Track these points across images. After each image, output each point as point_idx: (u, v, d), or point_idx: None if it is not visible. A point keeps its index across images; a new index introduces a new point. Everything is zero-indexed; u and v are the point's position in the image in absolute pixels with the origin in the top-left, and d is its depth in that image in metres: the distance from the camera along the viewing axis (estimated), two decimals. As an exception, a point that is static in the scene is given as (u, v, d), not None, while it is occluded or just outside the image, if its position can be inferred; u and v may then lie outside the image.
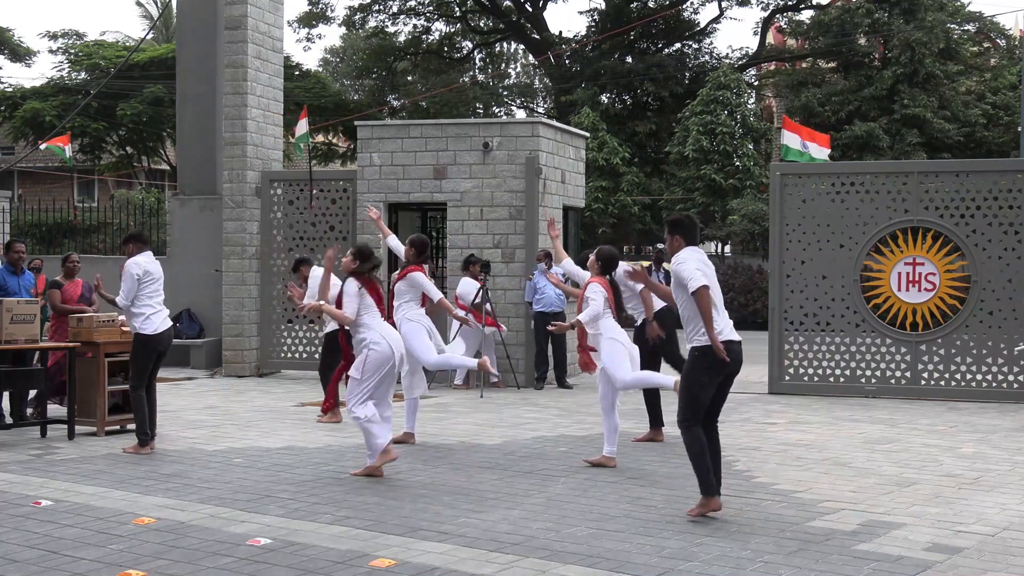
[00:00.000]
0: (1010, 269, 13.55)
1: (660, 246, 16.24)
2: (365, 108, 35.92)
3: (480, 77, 45.27)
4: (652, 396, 10.21)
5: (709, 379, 6.91)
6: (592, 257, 9.11)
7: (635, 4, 38.90)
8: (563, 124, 18.64)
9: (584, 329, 8.85)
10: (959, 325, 13.68)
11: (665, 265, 15.88)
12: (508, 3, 41.25)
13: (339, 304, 8.50)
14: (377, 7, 40.89)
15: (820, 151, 15.35)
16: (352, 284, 8.39)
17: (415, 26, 42.30)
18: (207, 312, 17.04)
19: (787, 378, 14.19)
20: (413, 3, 41.49)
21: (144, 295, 9.77)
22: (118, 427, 10.76)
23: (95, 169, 38.31)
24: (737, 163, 32.76)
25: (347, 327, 8.71)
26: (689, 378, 6.96)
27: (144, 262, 9.88)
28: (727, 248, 35.93)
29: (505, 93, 48.25)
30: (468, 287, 14.56)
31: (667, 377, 8.83)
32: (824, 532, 6.67)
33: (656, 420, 10.29)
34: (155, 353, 9.86)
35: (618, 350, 8.77)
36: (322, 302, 8.95)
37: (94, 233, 24.58)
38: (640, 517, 7.06)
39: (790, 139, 15.68)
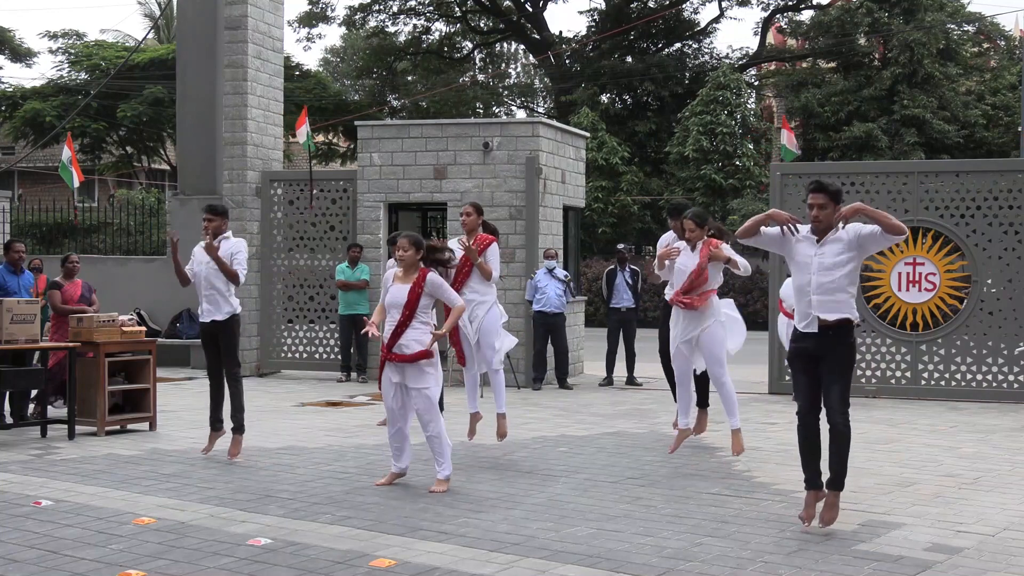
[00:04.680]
0: (1010, 269, 13.56)
1: (621, 246, 16.22)
2: (365, 108, 35.92)
3: (480, 77, 45.26)
4: (701, 378, 9.92)
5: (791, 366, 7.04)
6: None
7: (635, 4, 38.89)
8: (563, 124, 18.64)
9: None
10: (959, 325, 13.68)
11: (631, 266, 15.89)
12: (508, 3, 41.24)
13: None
14: (377, 7, 40.89)
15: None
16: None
17: (415, 26, 42.30)
18: (207, 312, 17.00)
19: (787, 378, 14.18)
20: (413, 3, 41.48)
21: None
22: (118, 427, 10.76)
23: (95, 169, 38.30)
24: (737, 163, 32.75)
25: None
26: None
27: None
28: (727, 248, 35.87)
29: (505, 93, 48.24)
30: (791, 290, 14.10)
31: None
32: (824, 532, 6.67)
33: (702, 401, 10.01)
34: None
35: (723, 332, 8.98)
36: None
37: (94, 233, 24.57)
38: (640, 517, 7.06)
39: (786, 139, 15.80)
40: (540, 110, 47.50)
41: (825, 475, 6.82)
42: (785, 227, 6.70)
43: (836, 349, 6.73)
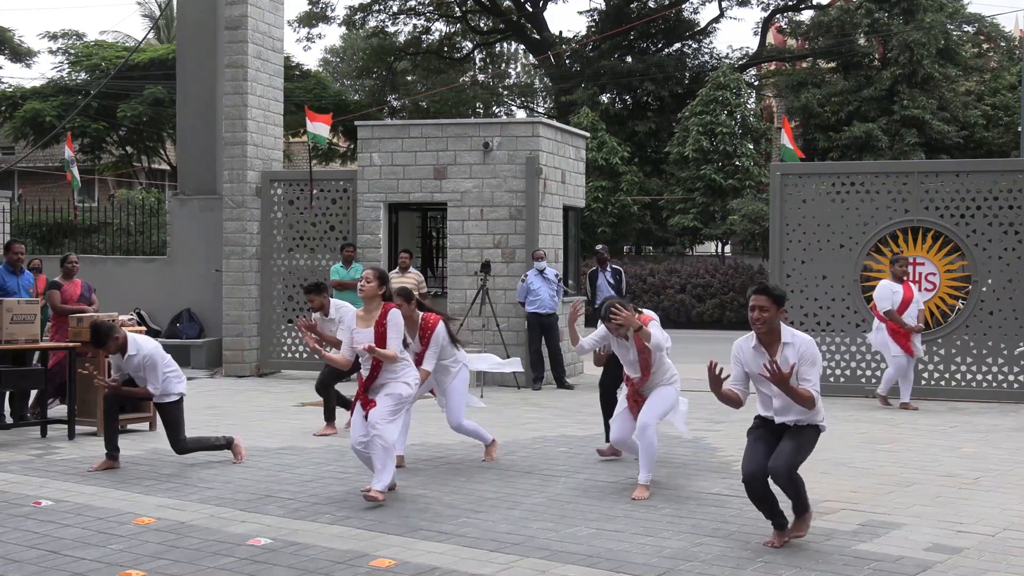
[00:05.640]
0: (1010, 269, 13.55)
1: (599, 247, 16.05)
2: (365, 108, 35.91)
3: (480, 77, 45.27)
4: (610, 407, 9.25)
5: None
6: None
7: (635, 4, 38.91)
8: (563, 124, 18.64)
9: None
10: (959, 325, 13.68)
11: (612, 265, 15.80)
12: (508, 3, 41.26)
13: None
14: (377, 7, 40.90)
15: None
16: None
17: (415, 26, 42.33)
18: (207, 312, 17.04)
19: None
20: (413, 3, 41.50)
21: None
22: (118, 427, 10.73)
23: (95, 169, 38.32)
24: (737, 163, 32.77)
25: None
26: None
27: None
28: (727, 248, 35.93)
29: (505, 93, 48.25)
30: (885, 291, 12.70)
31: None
32: (824, 532, 6.67)
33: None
34: None
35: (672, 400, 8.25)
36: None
37: (94, 233, 24.56)
38: (640, 517, 7.06)
39: (786, 140, 15.76)
40: (540, 110, 47.51)
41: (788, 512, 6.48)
42: (719, 375, 6.29)
43: (803, 428, 6.39)
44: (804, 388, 6.24)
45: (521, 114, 47.60)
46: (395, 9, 41.30)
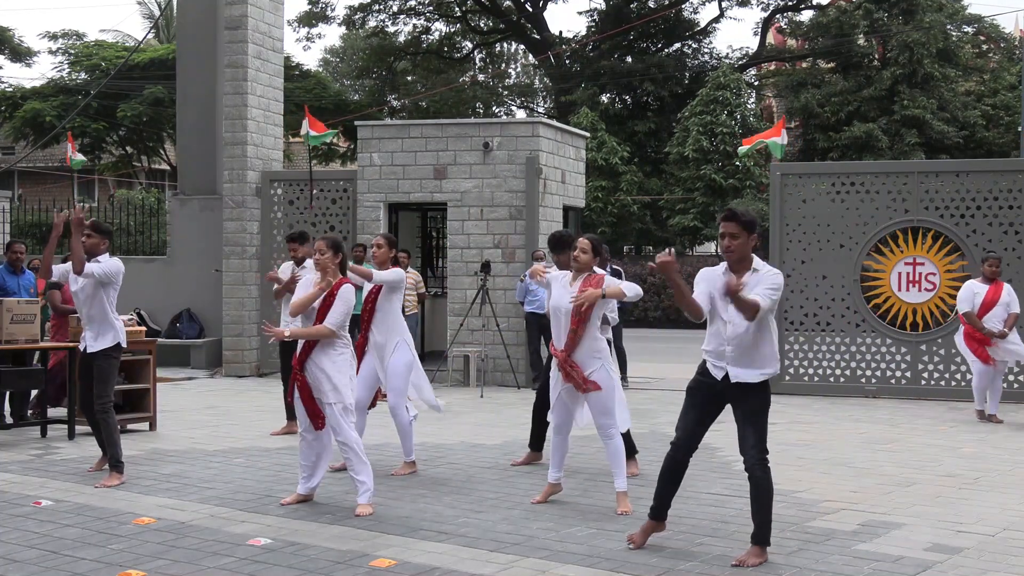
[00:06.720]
0: (1010, 269, 13.55)
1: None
2: (365, 108, 35.90)
3: (480, 77, 45.26)
4: (541, 416, 8.64)
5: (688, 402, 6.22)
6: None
7: (635, 4, 38.91)
8: (563, 124, 18.64)
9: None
10: (959, 325, 13.66)
11: (612, 265, 15.70)
12: (508, 3, 41.26)
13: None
14: (377, 7, 40.89)
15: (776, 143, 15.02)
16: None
17: (415, 26, 42.32)
18: (207, 312, 17.05)
19: (787, 378, 14.19)
20: (413, 3, 41.49)
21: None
22: (118, 427, 10.72)
23: (95, 169, 38.31)
24: (737, 163, 32.77)
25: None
26: None
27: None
28: (727, 248, 35.89)
29: (505, 93, 48.23)
30: (966, 292, 11.86)
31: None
32: (824, 532, 6.67)
33: (537, 443, 9.03)
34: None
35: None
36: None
37: (94, 233, 24.54)
38: (640, 517, 7.05)
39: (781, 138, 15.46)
40: (540, 110, 47.49)
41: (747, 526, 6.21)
42: (670, 253, 5.81)
43: (749, 397, 5.96)
44: (752, 297, 5.76)
45: (521, 114, 47.60)
46: (395, 9, 41.30)
